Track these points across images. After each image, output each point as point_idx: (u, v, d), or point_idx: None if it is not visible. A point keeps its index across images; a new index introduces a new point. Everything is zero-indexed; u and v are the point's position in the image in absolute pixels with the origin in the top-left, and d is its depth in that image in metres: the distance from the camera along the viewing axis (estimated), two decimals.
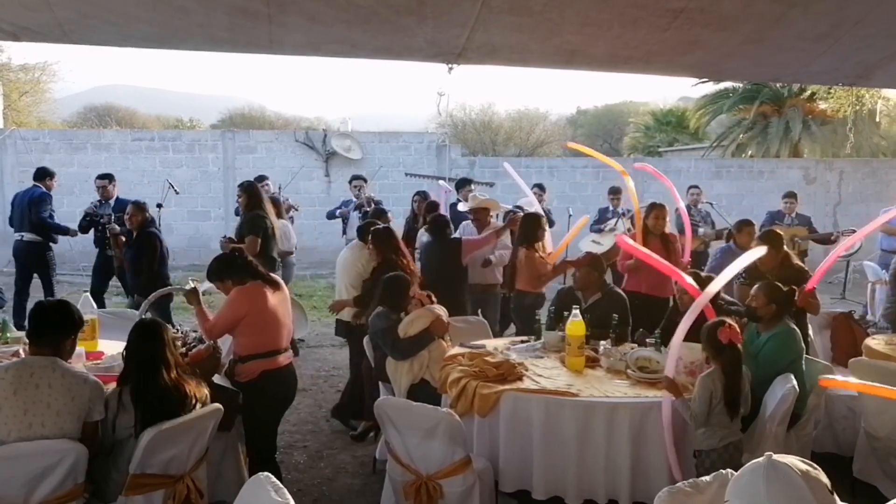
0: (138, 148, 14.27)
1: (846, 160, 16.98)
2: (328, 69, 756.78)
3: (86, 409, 3.19)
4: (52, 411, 3.11)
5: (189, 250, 14.17)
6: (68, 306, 3.48)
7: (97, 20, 3.82)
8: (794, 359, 4.18)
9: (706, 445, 3.54)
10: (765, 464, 1.89)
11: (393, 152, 14.93)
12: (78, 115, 36.25)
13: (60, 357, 3.29)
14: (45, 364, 3.19)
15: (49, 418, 3.10)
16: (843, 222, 14.51)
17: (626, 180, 7.39)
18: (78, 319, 3.46)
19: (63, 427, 3.12)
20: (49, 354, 3.24)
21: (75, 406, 3.15)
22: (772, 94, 20.81)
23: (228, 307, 4.08)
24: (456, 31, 4.04)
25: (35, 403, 3.09)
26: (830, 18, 4.07)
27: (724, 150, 21.51)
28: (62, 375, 3.18)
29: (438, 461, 3.49)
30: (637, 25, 4.06)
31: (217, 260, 4.30)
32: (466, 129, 31.35)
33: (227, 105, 44.46)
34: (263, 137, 15.13)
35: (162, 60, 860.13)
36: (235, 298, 4.07)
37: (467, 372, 4.10)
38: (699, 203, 9.54)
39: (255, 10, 3.68)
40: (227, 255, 4.39)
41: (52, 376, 3.16)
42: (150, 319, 3.71)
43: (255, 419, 4.10)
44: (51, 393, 3.12)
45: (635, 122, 31.06)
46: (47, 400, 3.11)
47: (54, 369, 3.18)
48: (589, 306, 5.08)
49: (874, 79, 5.39)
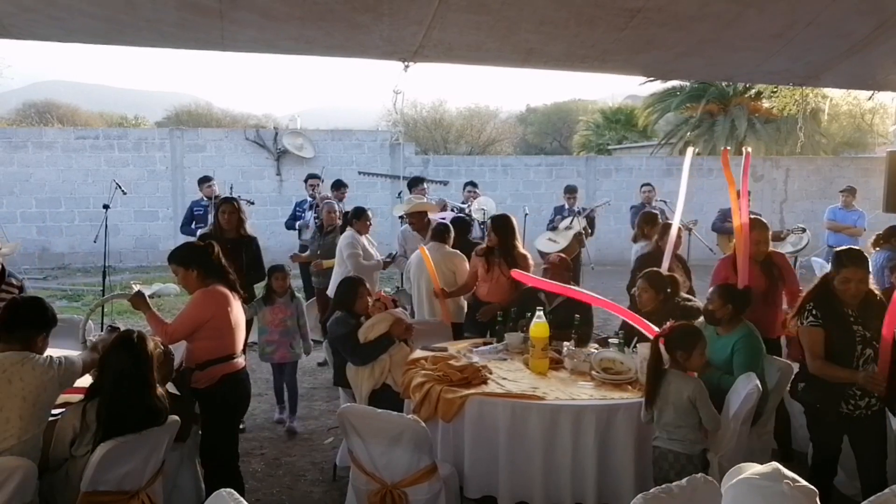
0: (82, 146, 13.83)
1: (792, 158, 17.42)
2: (275, 65, 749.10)
3: (54, 397, 3.24)
4: (28, 405, 3.10)
5: (136, 252, 13.83)
6: (42, 303, 3.43)
7: (39, 14, 3.66)
8: (757, 360, 4.23)
9: (687, 449, 3.51)
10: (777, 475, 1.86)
11: (346, 150, 14.78)
12: (16, 112, 35.05)
13: None
14: (16, 359, 3.16)
15: (25, 411, 3.09)
16: (789, 219, 14.90)
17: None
18: (51, 317, 3.42)
19: (35, 420, 3.13)
20: (18, 350, 3.22)
21: (48, 397, 3.19)
22: (718, 93, 21.26)
23: (193, 310, 3.88)
24: (413, 28, 3.98)
25: (9, 398, 3.07)
26: (784, 19, 4.13)
27: (672, 147, 21.87)
28: (32, 369, 3.15)
29: (404, 469, 3.42)
30: (594, 24, 4.06)
31: (190, 246, 4.10)
32: (418, 127, 31.29)
33: (171, 102, 43.60)
34: (213, 136, 14.83)
35: (103, 56, 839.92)
36: (200, 301, 3.88)
37: (431, 376, 4.04)
38: (653, 201, 9.63)
39: (206, 5, 3.57)
40: (199, 246, 4.13)
41: (23, 370, 3.13)
42: (130, 332, 3.48)
43: (216, 426, 3.94)
44: (23, 386, 3.11)
45: (585, 120, 31.35)
46: (21, 394, 3.10)
47: (23, 363, 3.15)
48: (554, 308, 5.06)
49: (822, 79, 5.51)
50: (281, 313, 5.58)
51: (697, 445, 3.50)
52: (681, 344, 3.59)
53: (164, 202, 14.05)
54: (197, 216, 8.86)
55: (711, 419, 3.51)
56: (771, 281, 4.89)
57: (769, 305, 4.85)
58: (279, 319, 5.57)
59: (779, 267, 4.98)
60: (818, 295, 3.77)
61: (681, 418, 3.48)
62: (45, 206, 13.60)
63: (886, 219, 12.47)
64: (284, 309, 5.59)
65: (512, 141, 35.54)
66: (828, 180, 16.06)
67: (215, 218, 6.01)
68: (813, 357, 3.68)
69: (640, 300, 4.89)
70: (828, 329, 3.65)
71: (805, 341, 3.73)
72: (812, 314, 3.69)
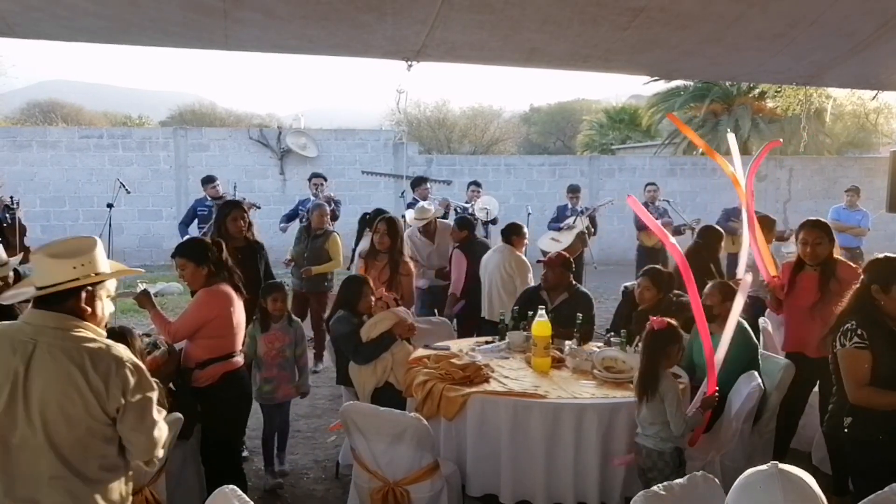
0: (86, 146, 13.88)
1: (795, 158, 17.40)
2: (279, 64, 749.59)
3: None
4: None
5: (140, 251, 13.86)
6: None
7: (43, 13, 3.67)
8: (753, 356, 4.23)
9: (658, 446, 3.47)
10: (777, 474, 1.87)
11: (349, 150, 14.80)
12: (21, 111, 35.12)
13: None
14: None
15: None
16: (792, 219, 14.85)
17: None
18: None
19: None
20: None
21: None
22: (721, 93, 21.23)
23: (197, 309, 3.88)
24: (416, 28, 3.99)
25: None
26: (787, 18, 4.13)
27: (675, 147, 21.85)
28: None
29: (406, 467, 3.44)
30: (597, 24, 4.06)
31: (203, 243, 4.05)
32: (421, 127, 31.29)
33: (175, 101, 43.71)
34: (216, 135, 14.87)
35: (107, 55, 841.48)
36: (205, 301, 3.89)
37: (433, 375, 4.05)
38: (656, 200, 9.63)
39: (211, 5, 3.58)
40: (206, 242, 4.08)
41: None
42: (119, 326, 3.52)
43: (218, 424, 3.96)
44: None
45: (588, 119, 31.35)
46: None
47: None
48: (556, 307, 5.07)
49: (826, 78, 5.50)
50: (278, 341, 4.66)
51: (668, 443, 3.44)
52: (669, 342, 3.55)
53: (168, 201, 14.09)
54: (200, 216, 8.84)
55: (678, 424, 3.40)
56: (824, 294, 4.22)
57: (814, 321, 4.14)
58: (276, 349, 4.65)
59: (840, 281, 4.17)
60: (859, 310, 3.29)
61: (654, 415, 3.45)
62: (49, 206, 13.65)
63: (890, 219, 12.51)
64: (282, 335, 4.68)
65: (515, 140, 35.54)
66: (831, 180, 16.04)
67: (219, 222, 5.35)
68: (858, 385, 3.20)
69: (640, 298, 4.90)
70: (875, 351, 3.17)
71: (847, 366, 3.24)
72: (857, 335, 3.19)
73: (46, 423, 2.18)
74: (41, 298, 2.27)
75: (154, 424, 2.35)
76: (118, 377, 2.23)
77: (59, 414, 2.18)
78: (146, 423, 2.32)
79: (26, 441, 2.19)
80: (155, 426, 2.35)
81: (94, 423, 2.23)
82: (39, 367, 2.19)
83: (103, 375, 2.21)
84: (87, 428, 2.22)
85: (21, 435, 2.19)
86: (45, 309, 2.26)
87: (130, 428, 2.29)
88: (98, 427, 2.25)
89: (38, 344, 2.21)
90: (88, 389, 2.19)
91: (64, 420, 2.19)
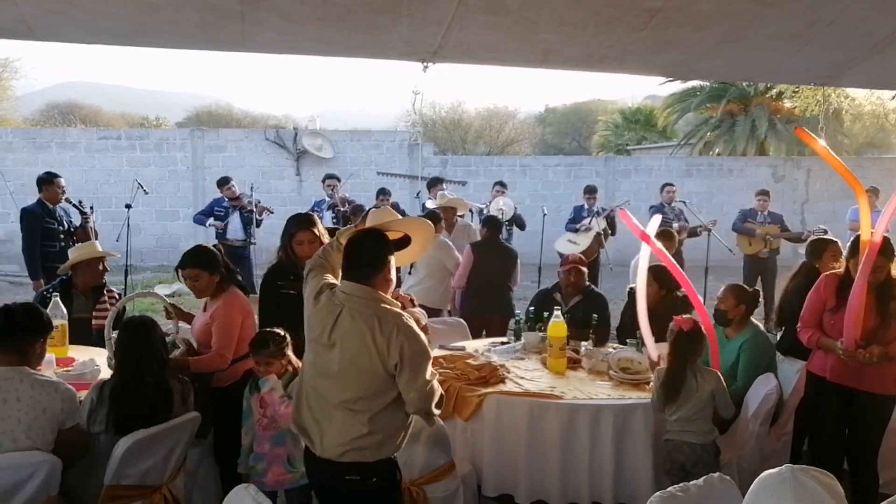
0: (104, 147, 14.01)
1: (813, 158, 17.21)
2: (295, 66, 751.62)
3: (59, 419, 3.06)
4: (23, 426, 2.97)
5: (157, 251, 13.97)
6: (36, 309, 3.34)
7: (63, 16, 3.71)
8: (770, 360, 4.21)
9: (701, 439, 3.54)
10: (789, 477, 1.86)
11: (364, 151, 14.83)
12: (40, 112, 35.50)
13: (29, 363, 3.14)
14: (11, 376, 3.03)
15: (20, 433, 2.96)
16: (810, 220, 14.73)
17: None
18: (47, 323, 3.32)
19: (35, 441, 2.99)
20: (16, 360, 3.08)
21: (47, 419, 3.02)
22: (738, 93, 21.08)
23: (228, 321, 3.84)
24: (432, 29, 4.00)
25: (3, 420, 2.95)
26: (804, 18, 4.10)
27: (692, 148, 21.73)
28: (31, 387, 3.02)
29: (422, 466, 3.44)
30: (613, 25, 4.05)
31: (210, 251, 4.01)
32: (436, 127, 31.33)
33: (192, 103, 43.99)
34: (233, 136, 14.95)
35: (124, 57, 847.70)
36: (231, 310, 3.88)
37: (449, 375, 4.06)
38: (673, 201, 9.58)
39: (228, 7, 3.61)
40: (211, 249, 4.05)
41: (21, 388, 3.00)
42: (139, 317, 3.52)
43: (237, 423, 3.96)
44: (20, 407, 2.97)
45: (604, 120, 31.23)
46: (17, 415, 2.97)
47: (22, 380, 3.03)
48: (570, 308, 5.07)
49: (844, 79, 5.46)
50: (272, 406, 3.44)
51: (710, 435, 3.57)
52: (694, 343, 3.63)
53: (185, 202, 14.19)
54: (217, 215, 8.90)
55: (728, 407, 3.59)
56: (884, 318, 3.64)
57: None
58: (269, 417, 3.47)
59: None
60: None
61: (699, 411, 3.53)
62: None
63: None
64: (276, 398, 3.39)
65: (531, 141, 35.49)
66: None
67: (286, 246, 4.11)
68: None
69: None
70: None
71: None
72: None
73: (343, 369, 2.65)
74: (352, 273, 2.74)
75: (426, 384, 2.66)
76: (397, 341, 2.60)
77: (351, 363, 2.63)
78: (418, 382, 2.64)
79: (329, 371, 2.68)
80: (427, 385, 2.66)
81: (378, 374, 2.64)
82: (341, 324, 2.66)
83: (387, 337, 2.60)
84: (372, 376, 2.63)
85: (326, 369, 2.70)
86: (354, 282, 2.71)
87: (405, 383, 2.64)
88: (381, 377, 2.64)
89: (344, 308, 2.66)
90: (374, 348, 2.61)
91: (355, 369, 2.64)
